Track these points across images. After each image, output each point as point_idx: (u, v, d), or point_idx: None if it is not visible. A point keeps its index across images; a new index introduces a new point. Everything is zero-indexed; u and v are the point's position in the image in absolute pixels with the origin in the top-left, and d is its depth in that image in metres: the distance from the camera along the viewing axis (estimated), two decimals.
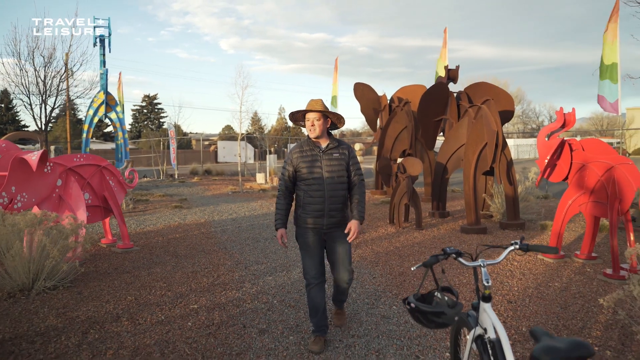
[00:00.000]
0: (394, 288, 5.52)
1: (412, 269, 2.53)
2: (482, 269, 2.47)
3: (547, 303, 5.03)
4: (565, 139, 7.18)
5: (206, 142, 55.95)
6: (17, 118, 53.77)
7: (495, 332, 2.33)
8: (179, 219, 10.88)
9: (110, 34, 18.82)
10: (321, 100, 3.89)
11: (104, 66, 18.82)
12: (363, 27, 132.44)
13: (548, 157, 7.06)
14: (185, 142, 59.85)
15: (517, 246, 2.57)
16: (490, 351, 2.34)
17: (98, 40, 18.47)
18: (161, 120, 68.32)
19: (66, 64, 19.56)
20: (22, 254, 5.13)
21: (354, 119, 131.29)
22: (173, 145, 27.01)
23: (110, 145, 47.34)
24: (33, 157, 5.97)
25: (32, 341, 4.02)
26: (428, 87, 12.09)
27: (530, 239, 8.29)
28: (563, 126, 7.28)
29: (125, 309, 4.83)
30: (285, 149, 52.16)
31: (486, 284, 2.40)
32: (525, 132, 69.56)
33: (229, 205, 13.64)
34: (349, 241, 3.85)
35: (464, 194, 9.55)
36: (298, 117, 4.02)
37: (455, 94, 11.05)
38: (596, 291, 5.40)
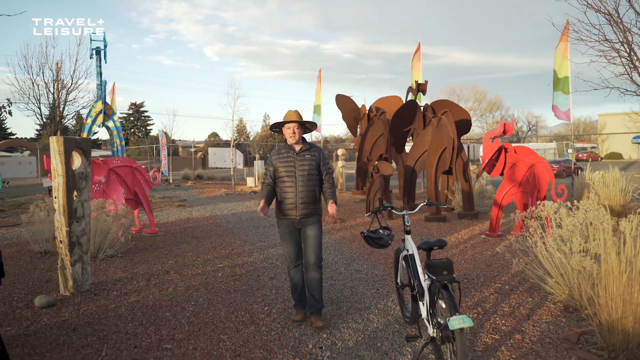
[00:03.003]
0: (365, 255, 7.40)
1: (365, 215, 4.41)
2: (405, 216, 4.34)
3: (477, 262, 6.94)
4: (502, 144, 9.13)
5: (192, 149, 57.71)
6: (4, 126, 54.76)
7: (412, 250, 4.19)
8: (187, 214, 12.66)
9: (105, 46, 20.47)
10: (297, 111, 4.59)
11: (101, 77, 20.47)
12: (347, 34, 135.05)
13: (486, 158, 9.02)
14: (172, 149, 61.46)
15: (425, 203, 4.45)
16: (410, 262, 4.19)
17: (94, 52, 20.14)
18: (148, 127, 69.66)
19: (57, 74, 21.17)
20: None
21: (337, 126, 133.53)
22: (164, 152, 28.58)
23: (97, 153, 48.55)
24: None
25: (114, 283, 5.84)
26: (403, 97, 14.09)
27: (481, 225, 10.22)
28: (504, 133, 9.23)
29: (170, 267, 6.65)
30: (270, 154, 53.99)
31: (407, 224, 4.27)
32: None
33: (226, 204, 15.42)
34: (332, 215, 4.48)
35: (427, 190, 11.49)
36: (278, 127, 4.62)
37: (422, 107, 13.02)
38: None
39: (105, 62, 20.55)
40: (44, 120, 19.39)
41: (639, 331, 3.76)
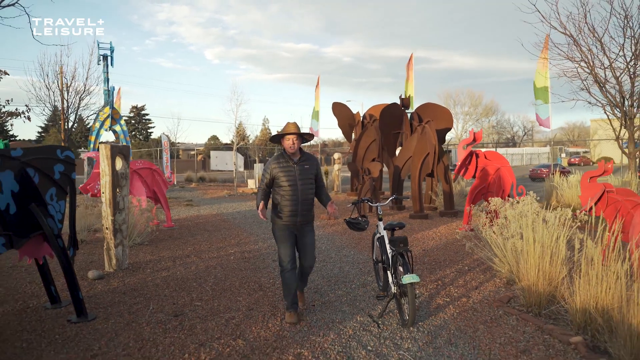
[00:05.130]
0: (353, 244, 8.74)
1: (348, 205, 5.74)
2: (378, 207, 5.67)
3: (447, 250, 8.28)
4: (474, 150, 10.47)
5: (192, 152, 59.09)
6: (5, 129, 55.98)
7: (383, 233, 5.51)
8: (195, 212, 14.00)
9: (112, 52, 21.81)
10: (296, 123, 4.83)
11: (108, 83, 21.81)
12: (348, 38, 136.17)
13: (460, 162, 10.38)
14: (173, 152, 62.67)
15: (395, 196, 5.79)
16: (381, 242, 5.51)
17: (102, 58, 21.48)
18: (149, 130, 70.88)
19: (61, 78, 22.47)
20: None
21: (335, 130, 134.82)
22: (166, 155, 29.82)
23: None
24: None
25: (146, 264, 7.17)
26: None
27: (458, 222, 11.55)
28: (474, 140, 10.57)
29: (190, 252, 7.99)
30: (269, 158, 55.36)
31: (380, 213, 5.60)
32: (499, 142, 73.76)
33: (229, 204, 16.75)
34: (332, 213, 4.89)
35: (411, 191, 12.84)
36: (277, 139, 4.90)
37: (409, 115, 14.38)
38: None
39: (112, 67, 21.91)
40: (55, 123, 20.72)
41: (547, 290, 5.10)
